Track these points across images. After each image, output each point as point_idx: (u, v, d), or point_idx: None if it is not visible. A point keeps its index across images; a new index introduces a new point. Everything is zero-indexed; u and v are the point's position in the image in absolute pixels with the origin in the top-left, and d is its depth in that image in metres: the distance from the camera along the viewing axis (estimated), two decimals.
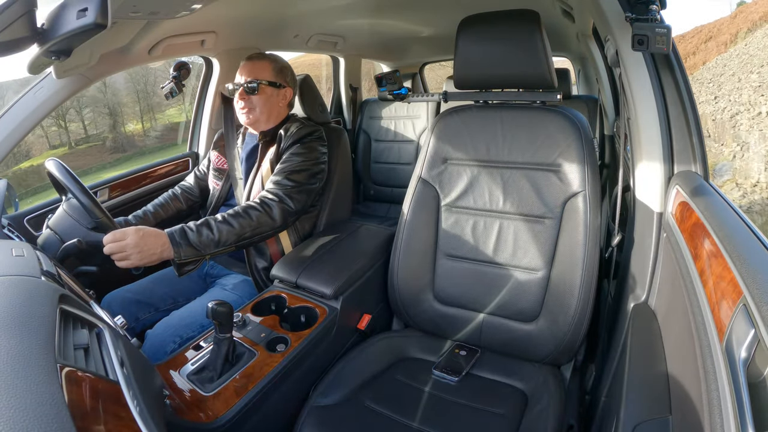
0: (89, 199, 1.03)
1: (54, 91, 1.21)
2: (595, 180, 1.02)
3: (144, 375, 0.61)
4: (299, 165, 1.22)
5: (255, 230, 1.11)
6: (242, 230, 1.09)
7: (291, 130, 1.27)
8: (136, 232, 0.96)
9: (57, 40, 0.73)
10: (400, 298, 1.18)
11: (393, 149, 2.58)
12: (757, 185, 7.68)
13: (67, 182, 1.04)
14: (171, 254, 1.00)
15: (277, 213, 1.15)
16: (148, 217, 1.34)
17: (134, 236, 0.95)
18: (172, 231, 1.02)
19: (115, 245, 0.94)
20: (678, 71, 0.88)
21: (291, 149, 1.25)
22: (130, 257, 0.95)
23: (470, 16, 1.10)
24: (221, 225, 1.07)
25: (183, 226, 1.04)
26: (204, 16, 1.31)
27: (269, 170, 1.26)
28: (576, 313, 0.99)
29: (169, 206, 1.39)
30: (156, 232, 0.99)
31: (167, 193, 1.43)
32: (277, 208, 1.15)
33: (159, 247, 0.98)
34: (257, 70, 1.26)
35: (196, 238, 1.02)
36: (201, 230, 1.04)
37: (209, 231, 1.05)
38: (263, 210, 1.13)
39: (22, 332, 0.43)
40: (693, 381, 0.54)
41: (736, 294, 0.48)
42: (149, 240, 0.97)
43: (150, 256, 0.97)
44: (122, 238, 0.95)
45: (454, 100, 1.28)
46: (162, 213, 1.37)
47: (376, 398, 0.96)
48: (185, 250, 1.01)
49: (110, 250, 0.95)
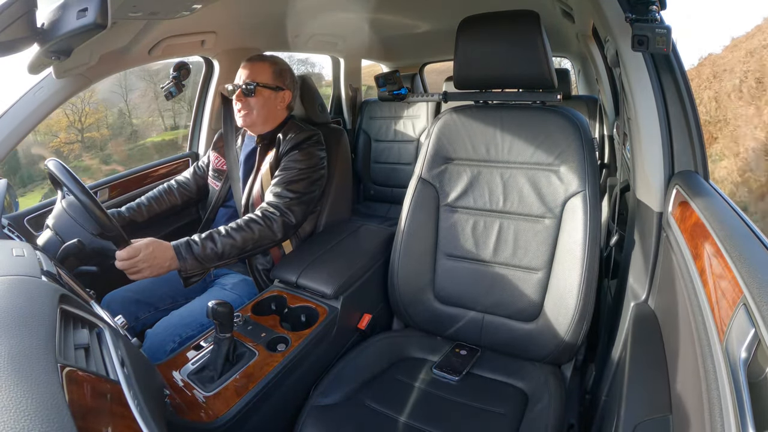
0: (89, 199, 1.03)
1: (54, 91, 1.21)
2: (595, 180, 1.02)
3: (144, 374, 0.61)
4: (298, 174, 1.22)
5: (256, 243, 1.14)
6: (244, 244, 1.11)
7: (289, 135, 1.26)
8: (146, 247, 0.99)
9: (57, 40, 0.73)
10: (401, 298, 1.18)
11: (393, 149, 2.58)
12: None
13: (68, 182, 1.04)
14: (178, 266, 1.03)
15: (278, 227, 1.16)
16: (141, 210, 1.35)
17: (145, 251, 0.99)
18: (178, 245, 1.05)
19: (127, 263, 0.98)
20: (678, 71, 0.88)
21: (289, 155, 1.24)
22: (143, 271, 0.99)
23: (470, 17, 1.10)
24: (224, 239, 1.09)
25: (189, 240, 1.06)
26: (204, 16, 1.31)
27: (268, 174, 1.26)
28: (576, 312, 0.99)
29: (162, 200, 1.40)
30: (165, 246, 1.03)
31: (162, 186, 1.43)
32: (278, 222, 1.16)
33: (167, 260, 1.02)
34: (255, 72, 1.26)
35: (200, 251, 1.06)
36: (205, 244, 1.07)
37: (213, 245, 1.07)
38: (264, 224, 1.15)
39: (22, 332, 0.43)
40: (693, 380, 0.54)
41: (736, 294, 0.48)
42: (158, 254, 1.01)
43: (159, 269, 1.01)
44: (135, 255, 0.98)
45: (454, 100, 1.28)
46: (155, 207, 1.38)
47: (376, 398, 0.96)
48: (190, 263, 1.04)
49: (123, 266, 0.98)
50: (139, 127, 5.28)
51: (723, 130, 7.62)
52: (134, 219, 1.33)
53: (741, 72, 7.54)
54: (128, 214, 1.31)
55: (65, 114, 1.38)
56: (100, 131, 5.09)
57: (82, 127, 4.93)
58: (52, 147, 5.51)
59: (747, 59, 7.57)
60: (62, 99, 1.25)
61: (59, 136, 4.92)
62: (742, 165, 7.15)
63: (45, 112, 1.21)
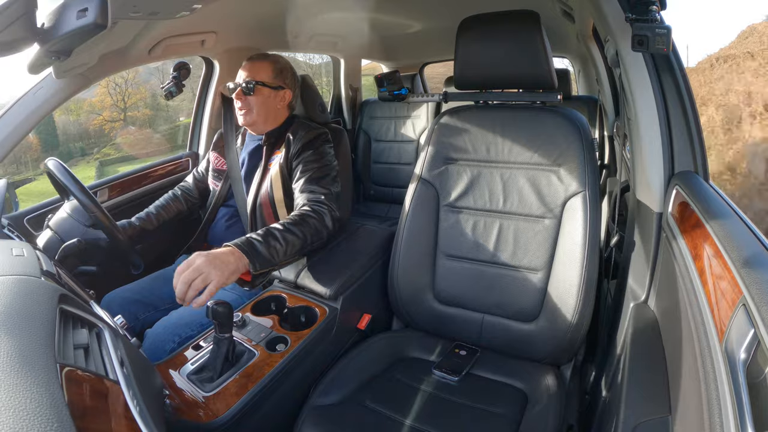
0: (89, 199, 1.03)
1: (54, 91, 1.21)
2: (595, 180, 1.02)
3: (144, 375, 0.61)
4: (320, 171, 1.21)
5: (314, 237, 1.09)
6: (305, 238, 1.06)
7: (299, 134, 1.26)
8: (199, 254, 0.87)
9: (57, 40, 0.73)
10: (400, 298, 1.18)
11: (393, 149, 2.58)
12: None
13: (67, 182, 1.04)
14: (246, 264, 0.92)
15: (330, 220, 1.13)
16: (150, 218, 1.34)
17: (201, 257, 0.86)
18: (239, 242, 0.94)
19: (188, 273, 0.84)
20: (678, 71, 0.88)
21: (303, 155, 1.24)
22: (211, 276, 0.84)
23: (470, 17, 1.10)
24: (285, 234, 1.02)
25: (248, 237, 0.97)
26: (204, 16, 1.32)
27: (278, 174, 1.26)
28: (576, 313, 0.99)
29: (170, 207, 1.40)
30: (221, 249, 0.91)
31: (168, 194, 1.43)
32: (328, 216, 1.13)
33: (233, 259, 0.90)
34: (256, 71, 1.26)
35: (265, 248, 0.97)
36: (268, 240, 0.98)
37: (276, 240, 0.99)
38: (318, 217, 1.11)
39: (22, 332, 0.43)
40: (693, 381, 0.54)
41: (736, 294, 0.48)
42: (220, 255, 0.89)
43: (228, 269, 0.88)
44: (191, 264, 0.86)
45: (454, 100, 1.28)
46: (164, 214, 1.37)
47: (376, 398, 0.96)
48: (259, 259, 0.95)
49: (187, 278, 0.83)
50: (173, 109, 5.39)
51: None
52: (145, 227, 1.31)
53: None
54: (138, 223, 1.30)
55: (108, 93, 1.39)
56: (140, 111, 5.21)
57: (125, 107, 5.02)
58: (95, 124, 5.63)
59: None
60: (62, 99, 1.25)
61: (102, 114, 5.05)
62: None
63: (45, 112, 1.21)
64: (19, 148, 1.13)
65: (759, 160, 7.36)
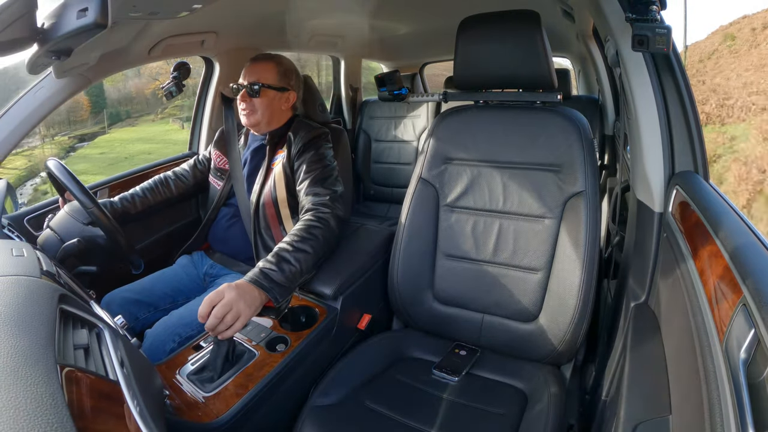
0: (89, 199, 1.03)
1: (54, 91, 1.21)
2: (595, 180, 1.02)
3: (144, 375, 0.61)
4: (324, 172, 1.21)
5: (324, 247, 1.08)
6: (316, 253, 1.05)
7: (300, 134, 1.26)
8: (229, 287, 0.86)
9: (57, 40, 0.73)
10: (400, 298, 1.18)
11: (393, 149, 2.58)
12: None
13: (67, 182, 1.04)
14: (268, 299, 0.92)
15: (335, 223, 1.12)
16: (135, 201, 1.31)
17: (232, 291, 0.86)
18: (254, 278, 0.92)
19: (220, 308, 0.83)
20: (678, 71, 0.88)
21: (305, 156, 1.23)
22: (241, 311, 0.84)
23: (470, 17, 1.10)
24: (297, 254, 1.00)
25: (261, 269, 0.95)
26: (204, 16, 1.31)
27: (281, 173, 1.25)
28: (576, 312, 0.99)
29: (157, 191, 1.37)
30: (241, 282, 0.90)
31: (157, 177, 1.40)
32: (333, 219, 1.12)
33: (258, 293, 0.90)
34: (260, 72, 1.25)
35: (280, 276, 0.95)
36: (282, 267, 0.97)
37: (289, 265, 0.98)
38: (323, 225, 1.10)
39: (21, 332, 0.43)
40: (693, 381, 0.54)
41: (736, 294, 0.48)
42: (246, 290, 0.88)
43: (255, 303, 0.88)
44: (222, 296, 0.85)
45: (454, 100, 1.28)
46: (150, 198, 1.35)
47: (376, 398, 0.96)
48: (279, 289, 0.94)
49: (219, 313, 0.83)
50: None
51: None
52: (127, 210, 1.29)
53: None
54: (121, 205, 1.28)
55: (167, 62, 1.38)
56: (195, 79, 5.78)
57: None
58: (151, 89, 6.30)
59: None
60: (62, 99, 1.25)
61: (159, 78, 5.36)
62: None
63: (45, 112, 1.21)
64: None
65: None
